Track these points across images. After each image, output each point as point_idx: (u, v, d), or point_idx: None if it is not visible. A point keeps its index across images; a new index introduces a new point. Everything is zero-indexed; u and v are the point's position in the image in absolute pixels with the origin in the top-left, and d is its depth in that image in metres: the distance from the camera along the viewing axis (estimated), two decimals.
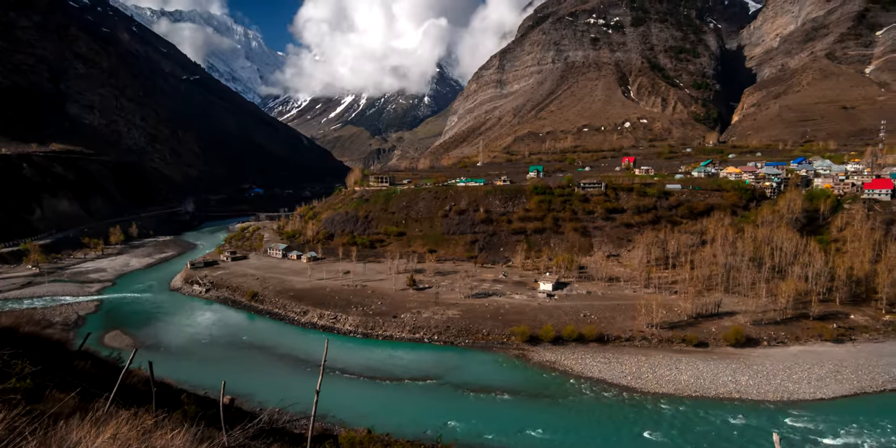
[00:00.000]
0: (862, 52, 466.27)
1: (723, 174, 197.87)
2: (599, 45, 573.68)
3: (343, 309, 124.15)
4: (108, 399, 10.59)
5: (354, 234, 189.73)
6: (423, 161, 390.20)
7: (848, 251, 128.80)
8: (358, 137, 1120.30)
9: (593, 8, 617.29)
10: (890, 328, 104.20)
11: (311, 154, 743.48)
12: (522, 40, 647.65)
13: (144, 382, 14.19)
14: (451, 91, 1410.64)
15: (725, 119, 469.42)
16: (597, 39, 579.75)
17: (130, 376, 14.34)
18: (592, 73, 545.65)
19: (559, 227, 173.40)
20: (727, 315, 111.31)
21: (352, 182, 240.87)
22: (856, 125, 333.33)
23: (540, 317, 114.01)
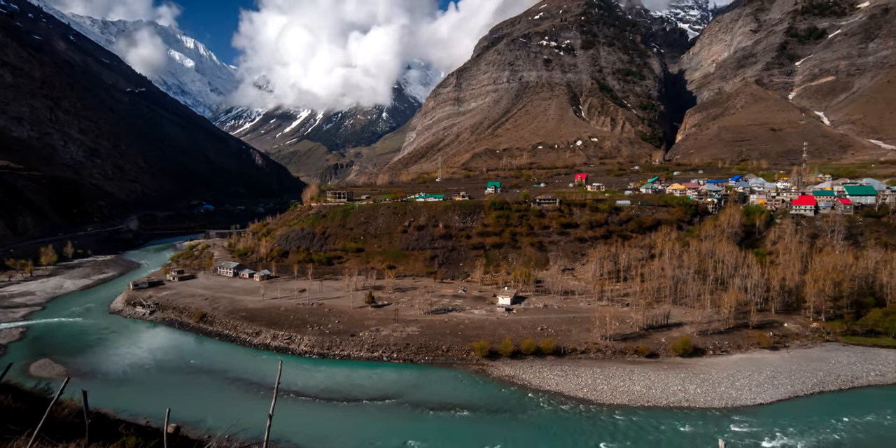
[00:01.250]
0: (785, 80, 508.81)
1: (668, 190, 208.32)
2: (552, 67, 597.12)
3: (298, 329, 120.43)
4: (31, 435, 9.85)
5: (311, 250, 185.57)
6: (381, 176, 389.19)
7: (780, 263, 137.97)
8: (314, 153, 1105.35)
9: (545, 31, 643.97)
10: (817, 335, 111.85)
11: (266, 169, 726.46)
12: (478, 60, 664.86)
13: (77, 414, 13.21)
14: (409, 107, 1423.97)
15: (670, 138, 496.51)
16: (549, 61, 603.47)
17: (60, 408, 13.29)
18: (546, 93, 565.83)
19: (517, 241, 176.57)
20: (676, 326, 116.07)
21: (308, 198, 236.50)
22: (783, 146, 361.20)
23: (499, 331, 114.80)
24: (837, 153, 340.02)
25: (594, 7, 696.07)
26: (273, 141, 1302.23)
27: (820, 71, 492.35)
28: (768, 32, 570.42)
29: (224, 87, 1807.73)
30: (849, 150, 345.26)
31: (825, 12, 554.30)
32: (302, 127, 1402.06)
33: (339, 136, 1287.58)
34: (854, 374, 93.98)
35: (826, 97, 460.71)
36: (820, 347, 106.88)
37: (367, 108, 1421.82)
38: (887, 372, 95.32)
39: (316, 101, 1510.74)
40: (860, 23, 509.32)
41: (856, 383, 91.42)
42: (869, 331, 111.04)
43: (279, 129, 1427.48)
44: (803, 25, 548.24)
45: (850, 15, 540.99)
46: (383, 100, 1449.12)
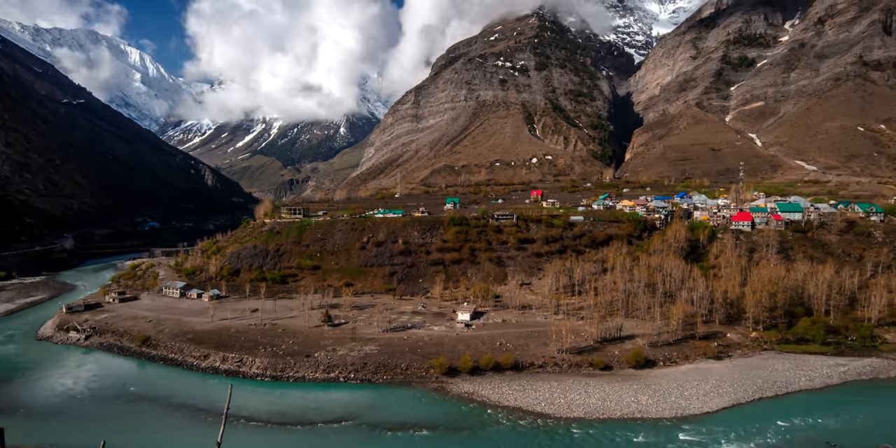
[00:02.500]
0: (722, 104, 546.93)
1: (619, 207, 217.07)
2: (507, 86, 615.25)
3: (250, 350, 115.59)
4: None
5: (264, 268, 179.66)
6: (339, 192, 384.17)
7: (723, 276, 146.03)
8: (269, 168, 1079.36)
9: (501, 52, 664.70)
10: (756, 344, 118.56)
11: (216, 185, 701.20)
12: (436, 78, 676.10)
13: None
14: (367, 123, 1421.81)
15: (619, 157, 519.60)
16: (505, 81, 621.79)
17: None
18: (502, 112, 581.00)
19: (476, 257, 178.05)
20: (628, 338, 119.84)
21: (261, 214, 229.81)
22: (722, 165, 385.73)
23: (458, 347, 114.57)
24: (769, 172, 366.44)
25: (546, 30, 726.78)
26: (225, 155, 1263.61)
27: (751, 96, 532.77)
28: (706, 59, 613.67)
29: (172, 99, 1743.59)
30: (778, 169, 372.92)
31: (753, 43, 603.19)
32: (256, 141, 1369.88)
33: (294, 150, 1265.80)
34: (788, 381, 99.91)
35: (757, 121, 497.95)
36: (759, 356, 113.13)
37: (324, 122, 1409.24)
38: (815, 377, 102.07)
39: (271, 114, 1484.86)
40: (782, 54, 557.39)
41: (789, 389, 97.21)
42: (800, 339, 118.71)
43: (231, 143, 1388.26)
44: (735, 54, 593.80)
45: (773, 47, 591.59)
46: (341, 115, 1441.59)
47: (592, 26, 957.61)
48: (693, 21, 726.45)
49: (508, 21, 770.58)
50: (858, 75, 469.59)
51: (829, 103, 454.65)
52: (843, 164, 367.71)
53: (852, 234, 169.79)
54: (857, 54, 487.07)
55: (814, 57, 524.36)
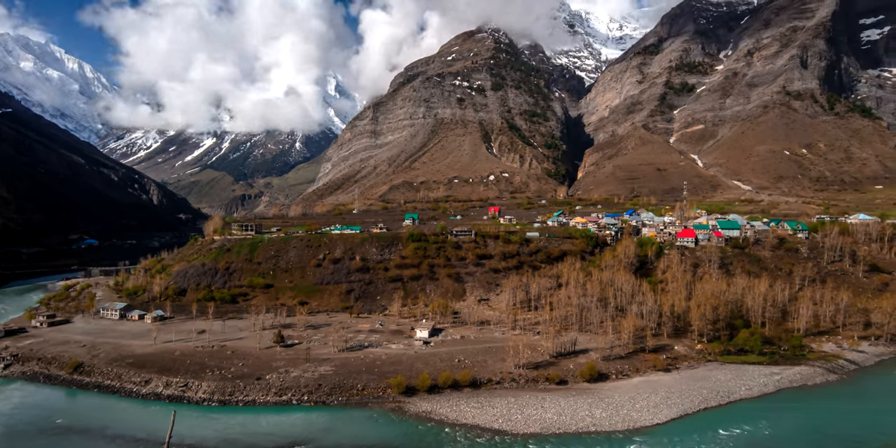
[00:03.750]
0: (666, 126, 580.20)
1: (572, 223, 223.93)
2: (465, 105, 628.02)
3: (196, 374, 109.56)
4: None
5: (212, 287, 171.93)
6: (294, 208, 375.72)
7: (670, 290, 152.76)
8: (219, 183, 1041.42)
9: (458, 71, 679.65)
10: (701, 355, 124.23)
11: (162, 200, 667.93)
12: (395, 95, 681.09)
13: None
14: (324, 138, 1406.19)
15: (572, 175, 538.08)
16: (462, 99, 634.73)
17: None
18: (460, 130, 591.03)
19: (434, 273, 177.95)
20: (582, 352, 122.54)
21: (211, 230, 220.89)
22: (668, 184, 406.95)
23: (417, 366, 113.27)
24: (710, 192, 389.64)
25: (502, 52, 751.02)
26: (172, 170, 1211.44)
27: (692, 120, 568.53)
28: (651, 84, 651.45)
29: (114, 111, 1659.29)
30: (718, 189, 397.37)
31: (693, 71, 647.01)
32: (206, 155, 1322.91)
33: (247, 165, 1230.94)
34: (730, 390, 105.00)
35: (698, 143, 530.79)
36: (704, 367, 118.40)
37: (279, 137, 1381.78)
38: (753, 386, 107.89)
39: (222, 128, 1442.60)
40: (719, 82, 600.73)
41: (731, 398, 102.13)
42: (740, 349, 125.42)
43: (179, 157, 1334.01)
44: (677, 80, 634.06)
45: (711, 74, 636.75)
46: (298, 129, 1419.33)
47: (545, 50, 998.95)
48: (639, 48, 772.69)
49: (465, 42, 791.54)
50: (783, 104, 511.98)
51: (760, 128, 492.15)
52: (773, 185, 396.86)
53: (783, 250, 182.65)
54: (781, 84, 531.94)
55: (745, 85, 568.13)
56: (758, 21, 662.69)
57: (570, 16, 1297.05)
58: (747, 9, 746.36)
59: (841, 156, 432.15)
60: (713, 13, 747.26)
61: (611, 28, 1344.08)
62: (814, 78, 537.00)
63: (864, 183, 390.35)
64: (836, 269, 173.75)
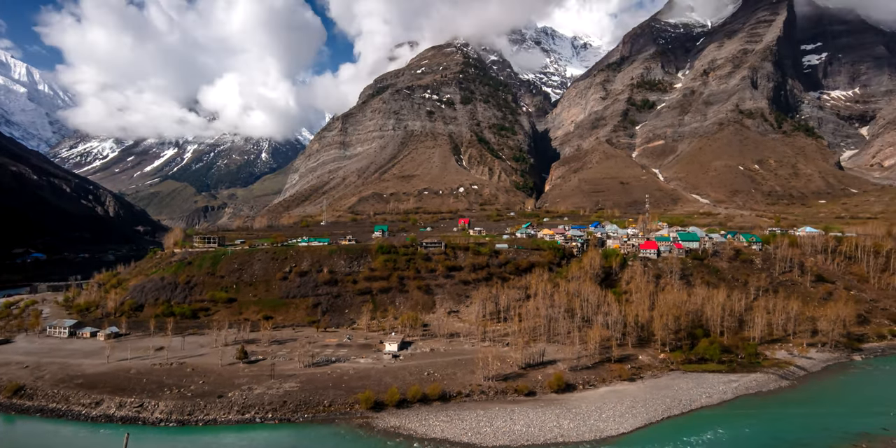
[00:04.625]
0: (629, 141, 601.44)
1: (540, 235, 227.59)
2: (435, 118, 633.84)
3: (153, 393, 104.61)
4: None
5: (172, 302, 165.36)
6: (259, 220, 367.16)
7: (634, 301, 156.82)
8: (180, 194, 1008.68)
9: (428, 84, 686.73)
10: (664, 365, 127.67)
11: (119, 212, 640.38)
12: (364, 107, 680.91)
13: None
14: (291, 148, 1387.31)
15: (539, 188, 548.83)
16: (432, 112, 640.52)
17: None
18: (430, 142, 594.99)
19: (404, 285, 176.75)
20: (550, 363, 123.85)
21: (171, 243, 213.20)
22: (630, 197, 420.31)
23: (385, 380, 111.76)
24: (670, 205, 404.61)
25: (470, 67, 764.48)
26: (130, 181, 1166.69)
27: (653, 135, 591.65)
28: (614, 100, 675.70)
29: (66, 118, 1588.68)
30: (678, 202, 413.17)
31: (654, 88, 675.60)
32: (167, 166, 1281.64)
33: (210, 176, 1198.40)
34: (691, 399, 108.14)
35: (659, 157, 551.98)
36: (667, 376, 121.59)
37: (244, 147, 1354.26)
38: (713, 393, 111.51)
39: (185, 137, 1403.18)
40: (677, 99, 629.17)
41: (693, 406, 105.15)
42: (700, 358, 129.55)
43: (138, 167, 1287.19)
44: (639, 97, 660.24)
45: (670, 92, 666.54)
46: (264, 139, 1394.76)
47: (512, 65, 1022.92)
48: (602, 65, 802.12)
49: (434, 56, 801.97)
50: (736, 121, 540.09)
51: (716, 144, 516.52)
52: (729, 199, 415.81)
53: (739, 261, 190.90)
54: (735, 103, 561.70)
55: (702, 103, 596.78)
56: (712, 43, 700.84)
57: (537, 33, 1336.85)
58: (702, 31, 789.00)
59: (789, 172, 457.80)
60: (672, 34, 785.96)
61: (575, 46, 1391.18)
62: (763, 98, 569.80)
63: (810, 197, 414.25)
64: (786, 280, 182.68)
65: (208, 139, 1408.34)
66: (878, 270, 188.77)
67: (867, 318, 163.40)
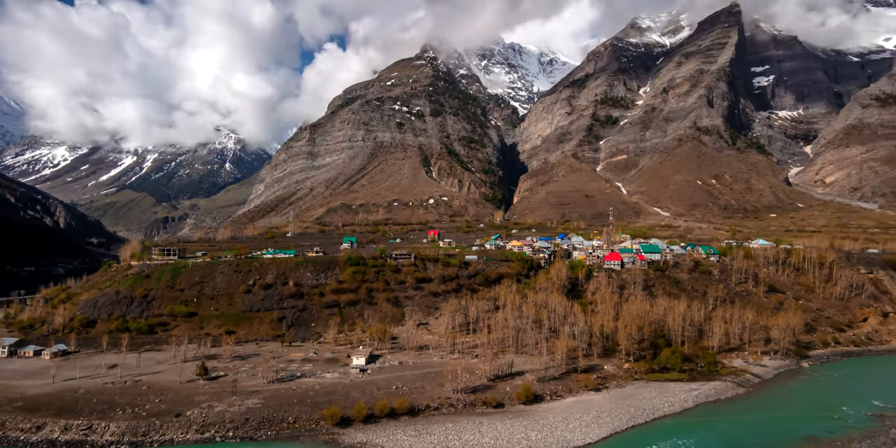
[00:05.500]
0: (594, 155, 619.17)
1: (509, 246, 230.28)
2: (405, 129, 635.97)
3: (103, 414, 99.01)
4: None
5: (127, 317, 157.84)
6: (222, 231, 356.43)
7: (599, 311, 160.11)
8: (139, 204, 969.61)
9: (398, 96, 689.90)
10: (628, 374, 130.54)
11: (70, 223, 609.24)
12: (333, 117, 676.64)
13: None
14: (257, 158, 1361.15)
15: (508, 200, 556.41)
16: (402, 124, 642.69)
17: None
18: (400, 154, 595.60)
19: (373, 297, 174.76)
20: (518, 375, 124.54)
21: (128, 255, 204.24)
22: (595, 209, 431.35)
23: (352, 395, 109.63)
24: (633, 217, 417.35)
25: (440, 80, 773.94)
26: (84, 190, 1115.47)
27: (617, 150, 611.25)
28: (579, 116, 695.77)
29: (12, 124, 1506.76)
30: (641, 215, 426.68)
31: (616, 104, 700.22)
32: (124, 175, 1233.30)
33: (171, 186, 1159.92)
34: (655, 407, 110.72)
35: (622, 171, 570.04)
36: (631, 386, 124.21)
37: (207, 157, 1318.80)
38: (675, 402, 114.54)
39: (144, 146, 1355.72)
40: (639, 116, 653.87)
41: (656, 415, 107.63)
42: (663, 367, 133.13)
43: (93, 176, 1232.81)
44: (603, 113, 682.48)
45: (632, 108, 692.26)
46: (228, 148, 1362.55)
47: (481, 80, 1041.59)
48: (567, 81, 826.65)
49: (404, 68, 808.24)
50: (694, 138, 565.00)
51: (676, 160, 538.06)
52: (689, 212, 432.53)
53: (698, 272, 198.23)
54: (693, 120, 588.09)
55: (662, 120, 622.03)
56: (671, 62, 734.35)
57: (505, 49, 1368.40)
58: (662, 51, 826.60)
59: (743, 187, 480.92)
60: (633, 53, 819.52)
61: (542, 62, 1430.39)
62: (718, 116, 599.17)
63: (762, 211, 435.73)
64: (742, 290, 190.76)
65: (170, 148, 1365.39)
66: (822, 281, 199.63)
67: (813, 327, 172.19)
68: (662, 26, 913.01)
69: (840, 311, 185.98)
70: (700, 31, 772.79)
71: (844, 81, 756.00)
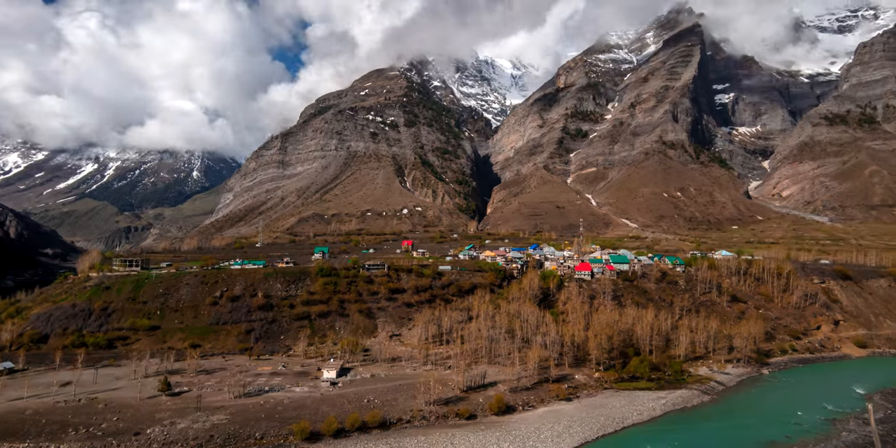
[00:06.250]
0: (564, 168, 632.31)
1: (482, 257, 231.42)
2: (379, 139, 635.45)
3: (53, 435, 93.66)
4: None
5: (84, 332, 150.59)
6: (189, 241, 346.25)
7: (570, 321, 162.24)
8: (99, 213, 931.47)
9: (371, 106, 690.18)
10: (598, 383, 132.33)
11: (23, 233, 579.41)
12: (305, 126, 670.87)
13: None
14: (226, 167, 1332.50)
15: (482, 210, 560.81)
16: (376, 134, 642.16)
17: None
18: (373, 163, 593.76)
19: (345, 309, 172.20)
20: (491, 385, 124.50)
21: (86, 267, 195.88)
22: (566, 220, 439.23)
23: (323, 409, 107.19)
24: (603, 228, 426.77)
25: (414, 91, 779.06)
26: (39, 199, 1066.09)
27: (587, 162, 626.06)
28: (550, 129, 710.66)
29: None
30: (610, 226, 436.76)
31: (586, 118, 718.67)
32: (84, 183, 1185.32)
33: (135, 194, 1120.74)
34: (624, 416, 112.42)
35: (592, 183, 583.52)
36: (601, 395, 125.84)
37: (174, 165, 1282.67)
38: (644, 410, 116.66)
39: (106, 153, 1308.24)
40: (608, 130, 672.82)
41: (625, 423, 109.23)
42: (632, 376, 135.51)
43: (49, 184, 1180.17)
44: (573, 126, 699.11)
45: (601, 123, 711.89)
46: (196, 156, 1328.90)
47: (455, 92, 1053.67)
48: (539, 95, 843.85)
49: (378, 79, 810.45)
50: (660, 152, 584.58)
51: (643, 172, 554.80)
52: (655, 223, 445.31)
53: (665, 282, 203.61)
54: (659, 135, 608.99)
55: (630, 134, 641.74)
56: (637, 78, 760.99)
57: (478, 62, 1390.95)
58: (629, 67, 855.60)
59: (707, 199, 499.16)
60: (602, 69, 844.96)
61: (514, 76, 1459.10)
62: (683, 131, 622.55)
63: (724, 223, 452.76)
64: (707, 300, 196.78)
65: (134, 155, 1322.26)
66: (780, 290, 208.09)
67: (772, 335, 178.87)
68: (630, 43, 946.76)
69: (796, 320, 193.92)
70: (665, 49, 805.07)
71: (797, 100, 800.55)
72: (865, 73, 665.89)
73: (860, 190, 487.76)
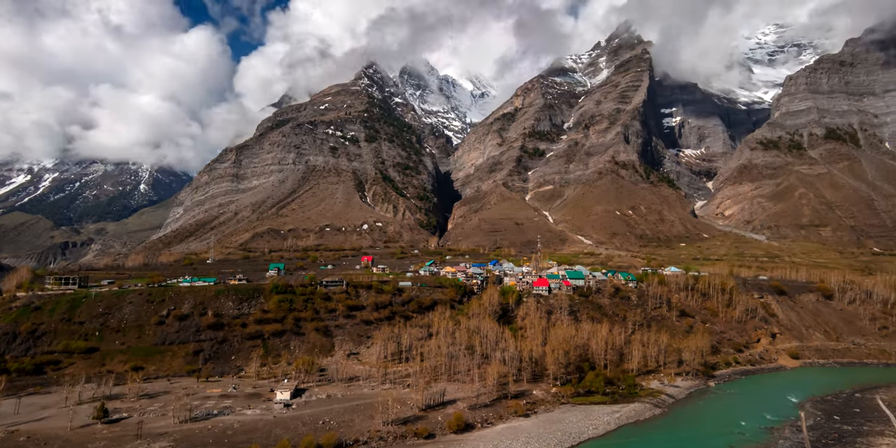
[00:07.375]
0: (523, 185, 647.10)
1: (443, 273, 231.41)
2: (338, 154, 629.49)
3: None
4: None
5: (6, 357, 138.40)
6: (134, 257, 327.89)
7: (528, 336, 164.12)
8: (31, 228, 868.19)
9: (331, 120, 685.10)
10: (556, 399, 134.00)
11: None
12: (261, 139, 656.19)
13: None
14: (176, 180, 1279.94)
15: (443, 226, 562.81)
16: (336, 148, 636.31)
17: None
18: (333, 178, 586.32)
19: (301, 327, 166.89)
20: (450, 403, 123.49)
21: (13, 285, 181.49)
22: (525, 237, 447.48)
23: (275, 432, 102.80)
24: (559, 245, 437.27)
25: (375, 106, 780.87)
26: None
27: (544, 180, 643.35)
28: (509, 147, 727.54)
29: None
30: (566, 242, 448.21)
31: (543, 138, 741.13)
32: (14, 195, 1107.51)
33: (74, 208, 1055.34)
34: (580, 431, 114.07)
35: (549, 201, 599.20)
36: (558, 410, 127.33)
37: (119, 177, 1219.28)
38: (599, 425, 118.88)
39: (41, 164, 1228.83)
40: (564, 149, 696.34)
41: (581, 438, 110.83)
42: (588, 391, 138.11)
43: None
44: (531, 145, 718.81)
45: (557, 142, 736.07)
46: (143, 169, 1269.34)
47: (416, 109, 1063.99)
48: (498, 114, 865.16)
49: (339, 94, 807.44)
50: (613, 171, 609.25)
51: (597, 191, 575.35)
52: (609, 240, 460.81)
53: (618, 298, 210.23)
54: (611, 155, 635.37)
55: (584, 154, 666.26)
56: (591, 100, 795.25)
57: (439, 80, 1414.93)
58: (583, 90, 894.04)
59: (656, 217, 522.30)
60: (558, 90, 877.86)
61: (474, 95, 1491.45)
62: (634, 152, 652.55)
63: (673, 240, 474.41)
64: (657, 315, 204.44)
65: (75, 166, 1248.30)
66: (724, 305, 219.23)
67: (718, 348, 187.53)
68: (584, 67, 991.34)
69: (739, 333, 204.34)
70: (616, 74, 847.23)
71: (736, 126, 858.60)
72: (792, 103, 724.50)
73: (792, 211, 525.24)
